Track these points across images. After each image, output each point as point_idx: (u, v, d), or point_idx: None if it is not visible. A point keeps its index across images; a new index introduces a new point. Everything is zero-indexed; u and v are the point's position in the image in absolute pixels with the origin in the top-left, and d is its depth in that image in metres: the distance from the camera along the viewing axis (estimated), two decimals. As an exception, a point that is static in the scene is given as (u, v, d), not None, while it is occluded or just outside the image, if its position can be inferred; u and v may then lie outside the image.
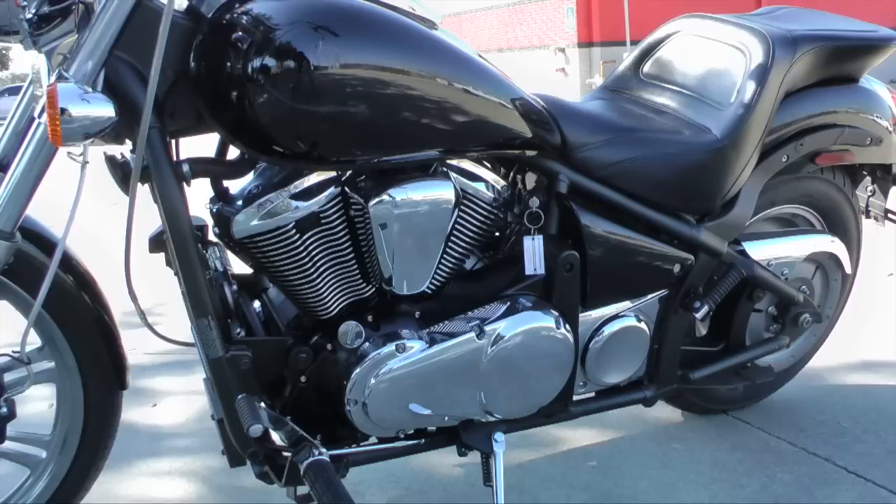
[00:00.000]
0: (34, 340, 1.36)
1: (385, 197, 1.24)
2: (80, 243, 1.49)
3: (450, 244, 1.34)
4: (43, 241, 1.32)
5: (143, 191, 1.23)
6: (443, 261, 1.35)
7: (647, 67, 1.78)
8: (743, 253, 1.69)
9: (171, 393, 2.27)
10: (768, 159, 1.68)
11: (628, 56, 1.82)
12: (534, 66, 12.74)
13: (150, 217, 1.28)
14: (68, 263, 1.36)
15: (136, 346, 1.78)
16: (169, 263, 1.55)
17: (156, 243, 1.53)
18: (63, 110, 1.05)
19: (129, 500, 1.72)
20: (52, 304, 1.29)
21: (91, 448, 1.44)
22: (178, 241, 1.18)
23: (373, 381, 1.30)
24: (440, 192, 1.28)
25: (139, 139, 1.11)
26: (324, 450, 1.26)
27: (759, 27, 1.65)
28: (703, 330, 1.75)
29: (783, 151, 1.69)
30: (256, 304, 1.50)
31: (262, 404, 1.26)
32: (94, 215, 2.59)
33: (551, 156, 1.44)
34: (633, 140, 1.51)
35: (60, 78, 1.08)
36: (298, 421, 1.32)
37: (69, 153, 1.13)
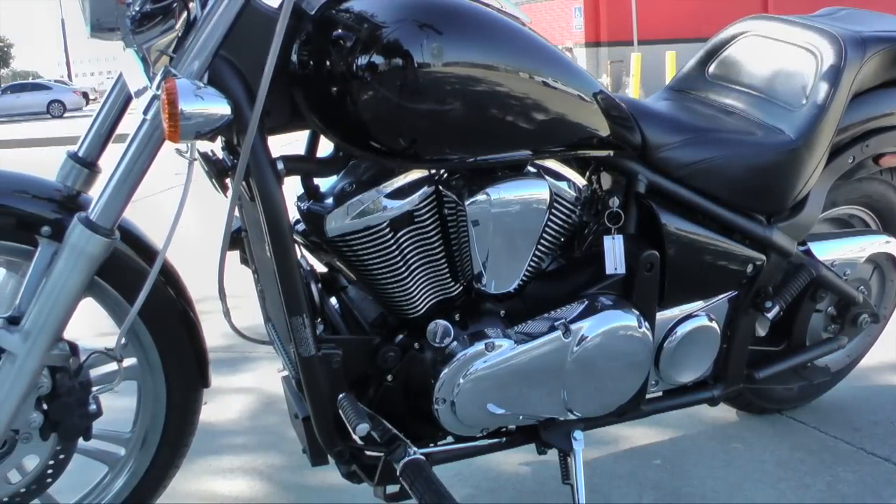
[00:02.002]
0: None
1: (482, 196, 1.24)
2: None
3: (539, 244, 1.35)
4: (131, 238, 1.31)
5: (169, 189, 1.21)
6: (531, 260, 1.35)
7: (712, 68, 1.79)
8: (808, 253, 1.70)
9: (220, 391, 2.27)
10: (836, 160, 1.69)
11: (693, 57, 1.82)
12: (540, 65, 12.68)
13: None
14: (143, 251, 1.35)
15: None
16: (244, 261, 1.56)
17: (234, 241, 1.53)
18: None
19: (198, 498, 1.72)
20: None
21: (171, 446, 1.44)
22: (277, 239, 1.17)
23: (461, 380, 1.30)
24: (536, 191, 1.29)
25: (246, 137, 1.10)
26: (415, 449, 1.26)
27: (829, 28, 1.66)
28: (762, 330, 1.76)
29: (850, 153, 1.70)
30: (333, 300, 1.50)
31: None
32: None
33: (630, 156, 1.44)
34: (711, 140, 1.51)
35: (169, 75, 1.08)
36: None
37: (177, 150, 1.13)
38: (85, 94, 25.13)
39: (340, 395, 1.23)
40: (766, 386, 1.82)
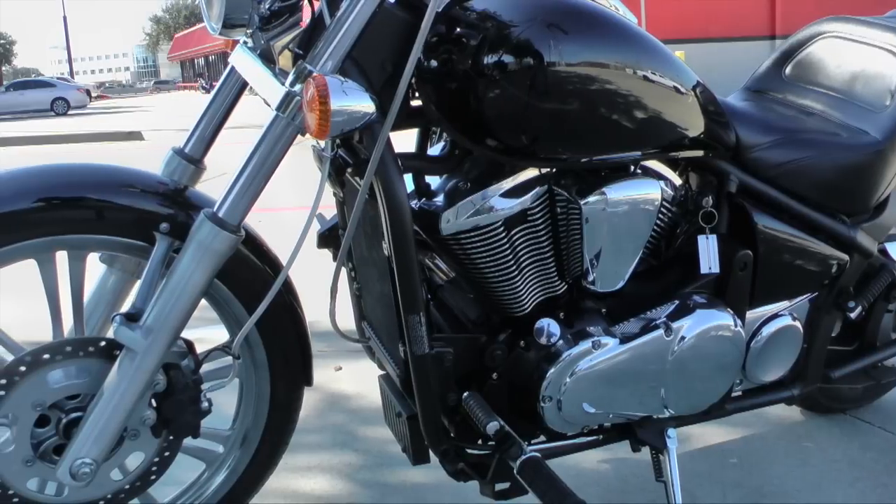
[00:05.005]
0: (222, 334, 1.37)
1: (598, 196, 1.25)
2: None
3: (645, 243, 1.36)
4: (249, 238, 1.31)
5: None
6: (637, 259, 1.36)
7: (789, 70, 1.80)
8: (885, 253, 1.72)
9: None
10: (914, 162, 1.70)
11: (768, 58, 1.84)
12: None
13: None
14: (259, 250, 1.35)
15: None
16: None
17: (325, 240, 1.54)
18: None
19: (282, 496, 1.72)
20: (250, 299, 1.29)
21: (271, 444, 1.43)
22: (399, 237, 1.18)
23: (568, 378, 1.31)
24: (649, 191, 1.30)
25: (381, 135, 1.11)
26: (527, 447, 1.26)
27: (909, 30, 1.67)
28: (834, 330, 1.77)
29: (927, 154, 1.71)
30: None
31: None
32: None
33: (723, 156, 1.45)
34: (801, 141, 1.53)
35: (306, 71, 1.09)
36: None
37: (313, 147, 1.14)
38: (88, 92, 25.08)
39: (465, 394, 1.24)
40: (840, 385, 1.83)
